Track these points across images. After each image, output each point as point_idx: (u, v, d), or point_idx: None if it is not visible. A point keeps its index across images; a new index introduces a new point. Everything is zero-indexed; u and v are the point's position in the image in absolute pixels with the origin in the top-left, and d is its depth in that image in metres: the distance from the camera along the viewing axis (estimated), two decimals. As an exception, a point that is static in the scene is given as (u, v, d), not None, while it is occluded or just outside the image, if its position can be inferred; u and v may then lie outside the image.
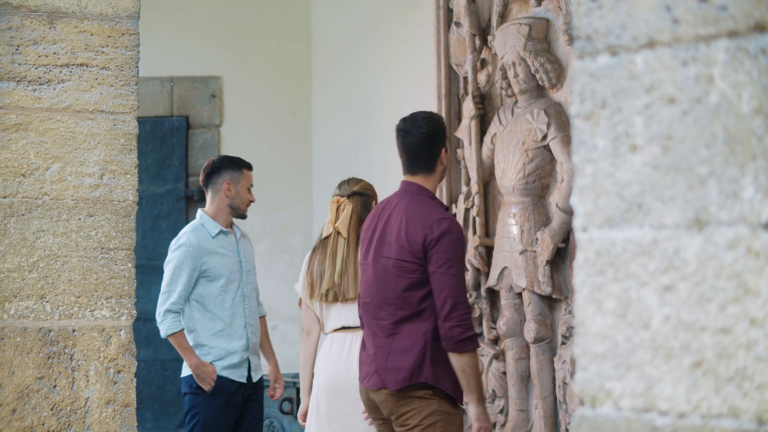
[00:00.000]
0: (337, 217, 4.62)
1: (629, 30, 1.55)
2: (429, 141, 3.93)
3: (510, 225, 5.25)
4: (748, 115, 1.43)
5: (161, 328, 4.93)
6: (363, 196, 4.65)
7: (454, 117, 5.76)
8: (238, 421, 5.08)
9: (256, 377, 5.10)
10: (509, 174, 5.26)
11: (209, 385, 4.92)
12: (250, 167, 5.19)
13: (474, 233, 5.54)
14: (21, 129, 3.19)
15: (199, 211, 5.13)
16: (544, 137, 5.15)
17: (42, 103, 3.22)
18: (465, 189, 5.63)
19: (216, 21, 7.76)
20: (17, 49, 3.20)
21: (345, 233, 4.58)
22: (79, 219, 3.24)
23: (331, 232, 4.62)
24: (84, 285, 3.23)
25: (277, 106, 7.74)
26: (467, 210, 5.60)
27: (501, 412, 5.42)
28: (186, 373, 5.00)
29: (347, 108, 7.33)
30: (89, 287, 3.23)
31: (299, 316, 4.89)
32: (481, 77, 5.65)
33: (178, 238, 5.05)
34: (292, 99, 7.75)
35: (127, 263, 3.29)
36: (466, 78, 5.69)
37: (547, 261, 5.07)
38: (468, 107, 5.61)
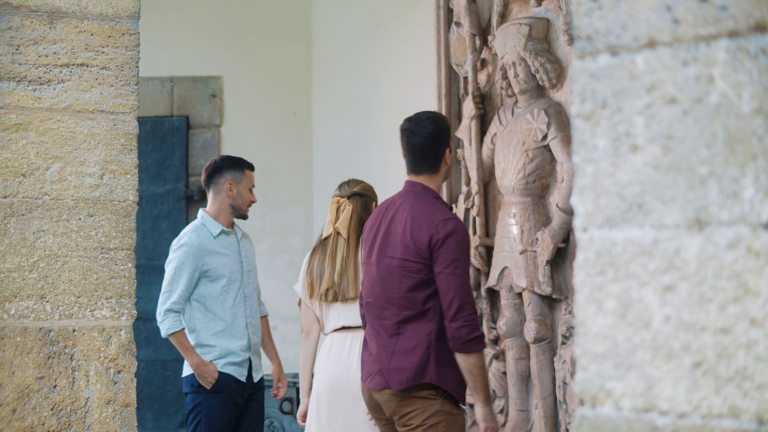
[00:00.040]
0: (337, 218, 4.62)
1: (630, 30, 1.55)
2: (433, 141, 3.93)
3: (510, 225, 5.25)
4: (748, 115, 1.43)
5: (162, 327, 4.92)
6: (363, 197, 4.65)
7: (454, 117, 5.76)
8: (238, 421, 5.08)
9: (256, 377, 5.10)
10: (509, 174, 5.25)
11: (210, 384, 4.92)
12: (252, 168, 5.19)
13: (474, 233, 5.54)
14: (21, 129, 3.19)
15: (201, 211, 5.13)
16: (544, 137, 5.14)
17: (42, 103, 3.22)
18: (465, 189, 5.63)
19: (216, 21, 7.76)
20: (17, 49, 3.20)
21: (345, 234, 4.58)
22: (80, 219, 3.24)
23: (331, 232, 4.62)
24: (84, 285, 3.22)
25: (278, 106, 7.74)
26: (467, 210, 5.60)
27: (501, 412, 5.42)
28: (187, 373, 5.00)
29: (347, 108, 7.33)
30: (89, 287, 3.23)
31: (299, 316, 4.89)
32: (481, 77, 5.65)
33: (179, 237, 5.05)
34: (292, 99, 7.75)
35: (128, 263, 3.29)
36: (466, 78, 5.69)
37: (547, 261, 5.07)
38: (468, 107, 5.61)
